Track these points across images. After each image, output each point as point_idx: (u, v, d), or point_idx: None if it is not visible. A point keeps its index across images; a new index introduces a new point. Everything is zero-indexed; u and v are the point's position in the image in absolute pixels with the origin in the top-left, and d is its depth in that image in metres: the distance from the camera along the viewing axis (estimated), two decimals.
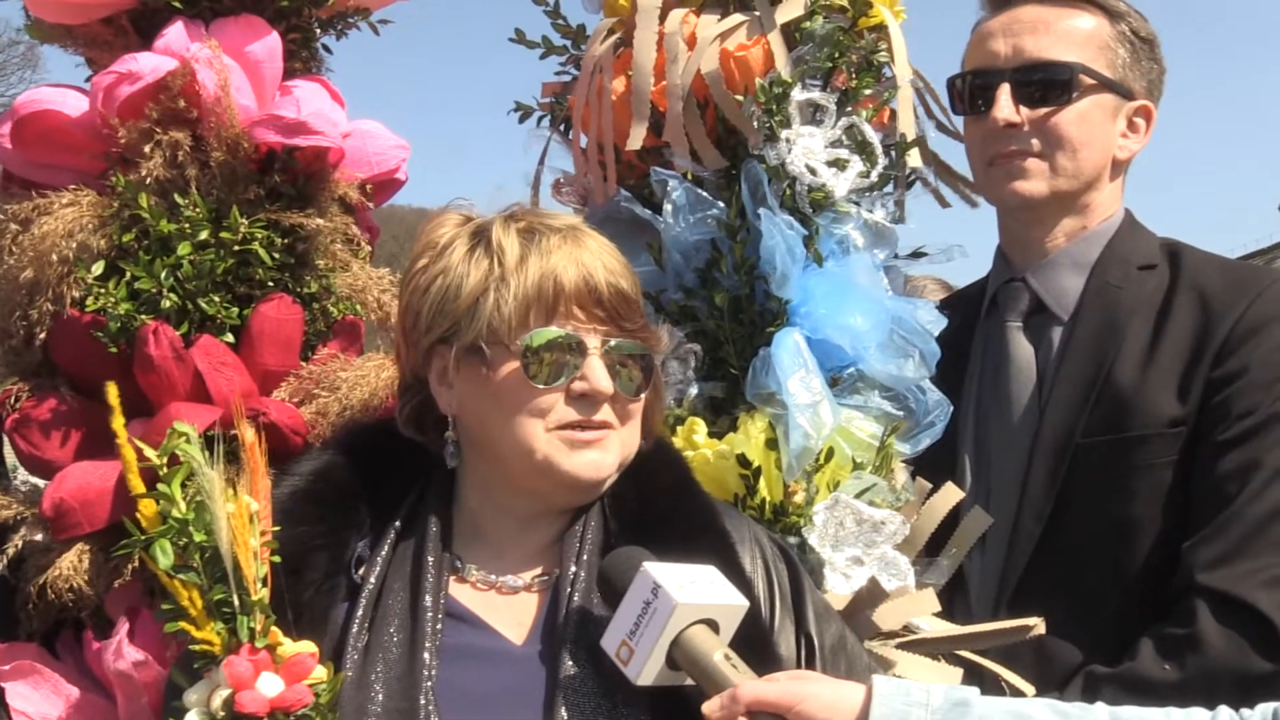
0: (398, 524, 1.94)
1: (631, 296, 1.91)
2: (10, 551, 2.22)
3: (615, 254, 1.94)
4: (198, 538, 1.64)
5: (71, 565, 2.20)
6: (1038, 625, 2.27)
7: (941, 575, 2.37)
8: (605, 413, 1.87)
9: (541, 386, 1.84)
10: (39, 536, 2.23)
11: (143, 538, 1.66)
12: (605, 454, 1.88)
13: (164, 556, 1.64)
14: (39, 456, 2.25)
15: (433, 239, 1.95)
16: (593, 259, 1.87)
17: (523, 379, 1.84)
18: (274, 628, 1.69)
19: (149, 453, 1.67)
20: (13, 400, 2.26)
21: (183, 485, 1.66)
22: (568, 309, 1.85)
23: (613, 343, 1.87)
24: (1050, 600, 2.33)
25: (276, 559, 1.71)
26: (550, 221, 1.93)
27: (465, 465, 1.98)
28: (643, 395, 1.92)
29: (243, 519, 1.65)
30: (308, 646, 1.71)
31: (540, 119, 2.83)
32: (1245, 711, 1.73)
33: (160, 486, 1.65)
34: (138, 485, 1.67)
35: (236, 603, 1.66)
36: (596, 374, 1.85)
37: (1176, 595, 2.30)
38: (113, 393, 1.75)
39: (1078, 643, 2.36)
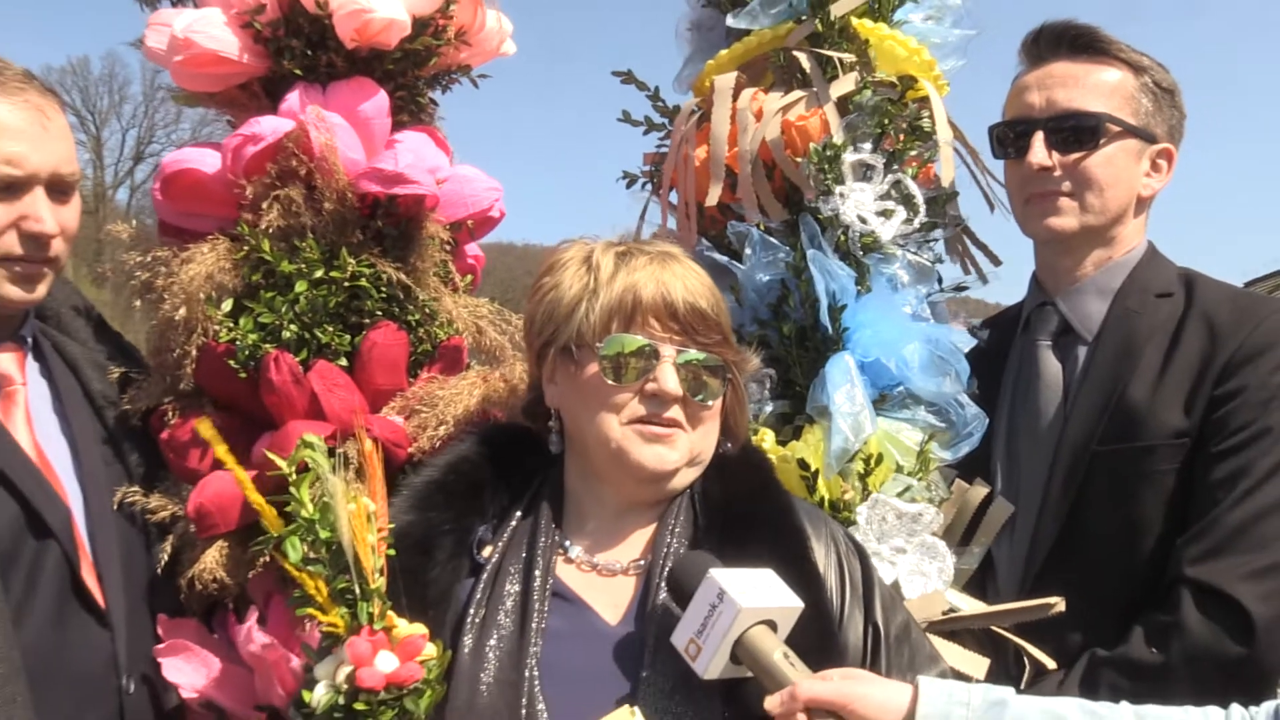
0: (518, 512, 2.16)
1: (709, 315, 2.10)
2: (167, 548, 2.54)
3: (701, 279, 2.13)
4: (323, 535, 1.83)
5: (214, 560, 2.52)
6: (1058, 604, 2.52)
7: (973, 560, 2.69)
8: (675, 412, 2.07)
9: (616, 384, 2.06)
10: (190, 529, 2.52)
11: (274, 536, 1.87)
12: (672, 450, 2.08)
13: (294, 551, 1.84)
14: (184, 466, 2.55)
15: (557, 259, 2.19)
16: (673, 279, 2.09)
17: (601, 377, 2.07)
18: (390, 612, 1.86)
19: (280, 463, 1.89)
20: (167, 418, 2.58)
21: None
22: (644, 319, 2.07)
23: (686, 352, 2.08)
24: (1066, 589, 2.55)
25: (392, 552, 1.90)
26: (646, 247, 2.17)
27: (568, 456, 2.20)
28: (714, 402, 2.12)
29: (361, 518, 1.84)
30: (419, 628, 1.88)
31: (643, 184, 3.27)
32: (1253, 709, 1.89)
33: (291, 490, 1.86)
34: (254, 497, 1.90)
35: (357, 590, 1.83)
36: (666, 377, 2.05)
37: (1167, 586, 2.50)
38: (206, 427, 2.04)
39: (1088, 627, 2.56)
